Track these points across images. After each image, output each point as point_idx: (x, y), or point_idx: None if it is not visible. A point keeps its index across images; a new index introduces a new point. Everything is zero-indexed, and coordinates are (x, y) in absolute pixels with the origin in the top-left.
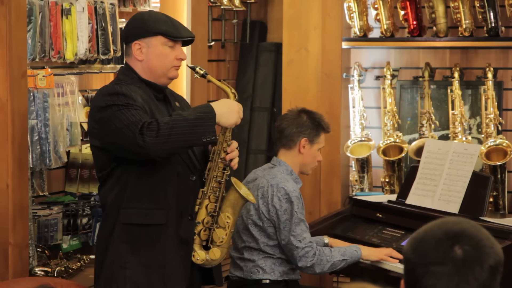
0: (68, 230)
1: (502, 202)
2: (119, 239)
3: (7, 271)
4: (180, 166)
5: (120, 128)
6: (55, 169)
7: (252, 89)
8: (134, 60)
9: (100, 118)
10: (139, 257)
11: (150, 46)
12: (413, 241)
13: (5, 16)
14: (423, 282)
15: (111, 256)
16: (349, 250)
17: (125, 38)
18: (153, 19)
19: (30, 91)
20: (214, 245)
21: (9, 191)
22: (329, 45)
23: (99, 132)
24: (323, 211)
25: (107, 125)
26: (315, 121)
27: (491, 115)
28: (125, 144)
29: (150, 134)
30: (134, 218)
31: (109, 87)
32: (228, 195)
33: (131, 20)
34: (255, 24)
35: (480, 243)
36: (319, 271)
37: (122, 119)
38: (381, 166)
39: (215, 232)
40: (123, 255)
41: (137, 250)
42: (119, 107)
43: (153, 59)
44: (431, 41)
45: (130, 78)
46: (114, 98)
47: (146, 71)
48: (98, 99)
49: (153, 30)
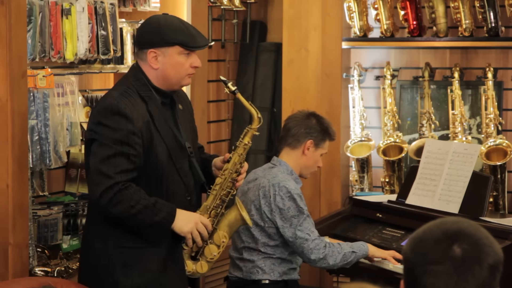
0: (68, 230)
1: (502, 202)
2: (112, 259)
3: (7, 271)
4: (176, 186)
5: (96, 164)
6: (55, 169)
7: (252, 89)
8: (148, 67)
9: (95, 131)
10: (132, 279)
11: (166, 55)
12: (412, 241)
13: (5, 16)
14: (422, 281)
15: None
16: (356, 244)
17: (139, 43)
18: (170, 27)
19: (30, 91)
20: (204, 259)
21: (9, 191)
22: (329, 45)
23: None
24: (323, 211)
25: (94, 144)
26: (324, 126)
27: (491, 115)
28: (89, 178)
29: (112, 199)
30: (127, 241)
31: (113, 103)
32: (228, 214)
33: (146, 25)
34: (255, 24)
35: (479, 242)
36: (333, 263)
37: (105, 162)
38: (381, 166)
39: (208, 247)
40: (116, 276)
41: (130, 272)
42: (111, 141)
43: (169, 68)
44: (431, 41)
45: (142, 84)
46: (114, 121)
47: (160, 79)
48: (100, 111)
49: (170, 40)
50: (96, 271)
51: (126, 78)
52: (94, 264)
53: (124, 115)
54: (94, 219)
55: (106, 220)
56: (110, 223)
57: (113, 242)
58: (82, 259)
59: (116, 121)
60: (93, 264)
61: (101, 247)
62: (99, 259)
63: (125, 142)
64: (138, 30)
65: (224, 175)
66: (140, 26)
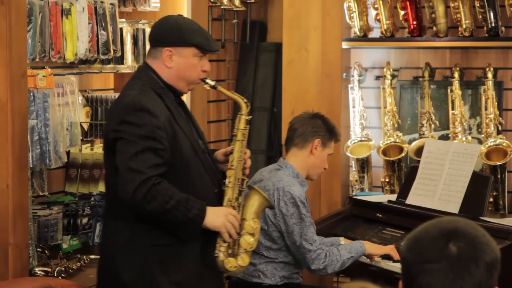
0: (68, 230)
1: (502, 202)
2: (147, 259)
3: (7, 271)
4: (208, 179)
5: (125, 162)
6: (55, 169)
7: (252, 89)
8: (161, 65)
9: (119, 129)
10: (169, 277)
11: (182, 56)
12: (408, 240)
13: (5, 16)
14: (418, 280)
15: (136, 274)
16: (354, 246)
17: (155, 41)
18: (190, 28)
19: (30, 91)
20: (242, 252)
21: (9, 191)
22: (329, 45)
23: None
24: (323, 211)
25: (120, 143)
26: (330, 126)
27: (491, 115)
28: (119, 177)
29: (146, 195)
30: (161, 239)
31: (135, 99)
32: (249, 201)
33: (164, 24)
34: (255, 24)
35: (475, 240)
36: (331, 272)
37: (134, 159)
38: (381, 166)
39: (243, 238)
40: (154, 274)
41: (167, 270)
42: (137, 137)
43: (183, 68)
44: (431, 41)
45: (154, 82)
46: (138, 117)
47: (173, 78)
48: (122, 110)
49: (189, 41)
50: (130, 273)
51: (137, 78)
52: (127, 266)
53: (147, 111)
54: (123, 222)
55: (137, 219)
56: (140, 223)
57: (146, 241)
58: (108, 263)
59: (140, 117)
60: (125, 266)
61: (133, 248)
62: (132, 260)
63: (151, 137)
64: (155, 28)
65: (233, 165)
66: (157, 24)
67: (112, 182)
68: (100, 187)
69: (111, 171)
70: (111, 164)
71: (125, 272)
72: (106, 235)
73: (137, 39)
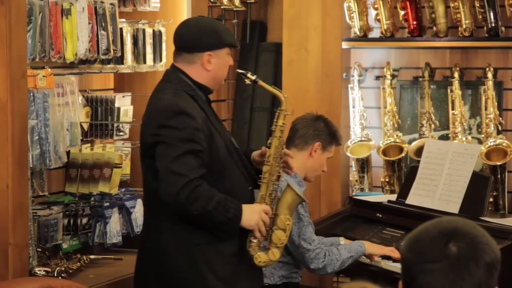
0: (68, 230)
1: (502, 202)
2: (193, 259)
3: (7, 271)
4: (242, 178)
5: (167, 165)
6: (55, 169)
7: (252, 89)
8: (199, 69)
9: (159, 134)
10: (216, 273)
11: (220, 57)
12: (408, 240)
13: (5, 16)
14: (418, 280)
15: (185, 275)
16: (354, 246)
17: (191, 47)
18: (223, 29)
19: (30, 91)
20: (273, 247)
21: (9, 191)
22: (329, 45)
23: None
24: (323, 211)
25: (160, 147)
26: (332, 130)
27: (491, 115)
28: (161, 180)
29: (189, 197)
30: (204, 238)
31: (172, 103)
32: (283, 197)
33: (196, 28)
34: (255, 24)
35: (475, 240)
36: (331, 271)
37: (176, 162)
38: (381, 166)
39: (275, 234)
40: (205, 275)
41: (212, 267)
42: (177, 141)
43: (219, 69)
44: (431, 41)
45: (186, 85)
46: (177, 120)
47: (210, 80)
48: (160, 114)
49: (226, 41)
50: (180, 274)
51: (166, 81)
52: (175, 268)
53: (186, 113)
54: (166, 224)
55: (179, 221)
56: (183, 224)
57: (190, 242)
58: (154, 266)
59: (179, 120)
60: (173, 268)
61: (179, 250)
62: (180, 261)
63: (191, 139)
64: (187, 34)
65: (270, 161)
66: (188, 30)
67: (153, 186)
68: (100, 187)
69: (151, 176)
70: (150, 169)
71: (175, 276)
72: (150, 238)
73: (137, 39)
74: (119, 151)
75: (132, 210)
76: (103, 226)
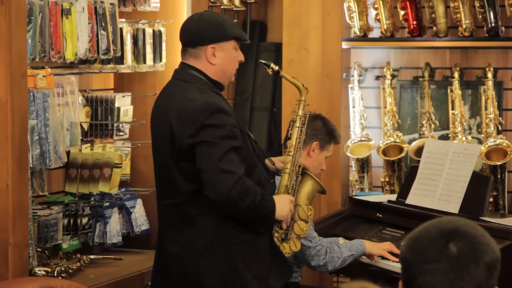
0: (68, 230)
1: (502, 202)
2: (231, 258)
3: (7, 271)
4: (262, 172)
5: (215, 164)
6: (55, 169)
7: (252, 89)
8: (206, 63)
9: (200, 134)
10: (251, 272)
11: (224, 50)
12: (408, 240)
13: (5, 16)
14: (418, 280)
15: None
16: (354, 244)
17: (195, 41)
18: (227, 21)
19: (30, 91)
20: (294, 237)
21: (9, 191)
22: (329, 45)
23: (194, 146)
24: (323, 211)
25: (202, 146)
26: (330, 129)
27: (491, 115)
28: (208, 180)
29: (240, 193)
30: (240, 235)
31: (207, 102)
32: (303, 187)
33: (201, 22)
34: (255, 24)
35: (475, 240)
36: (331, 268)
37: (222, 160)
38: (381, 166)
39: (297, 224)
40: (242, 274)
41: (249, 265)
42: (220, 139)
43: (226, 63)
44: (431, 41)
45: (204, 83)
46: (216, 119)
47: (218, 74)
48: (198, 114)
49: (231, 34)
50: (216, 277)
51: (186, 82)
52: (211, 270)
53: (223, 111)
54: (199, 227)
55: (214, 223)
56: (218, 225)
57: (227, 241)
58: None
59: (218, 118)
60: (209, 271)
61: (215, 251)
62: (216, 263)
63: (231, 136)
64: (191, 28)
65: (291, 151)
66: (192, 24)
67: (186, 190)
68: (100, 187)
69: (184, 178)
70: (183, 172)
71: (210, 277)
72: (179, 243)
73: (137, 39)
74: (119, 151)
75: (132, 210)
76: (103, 226)
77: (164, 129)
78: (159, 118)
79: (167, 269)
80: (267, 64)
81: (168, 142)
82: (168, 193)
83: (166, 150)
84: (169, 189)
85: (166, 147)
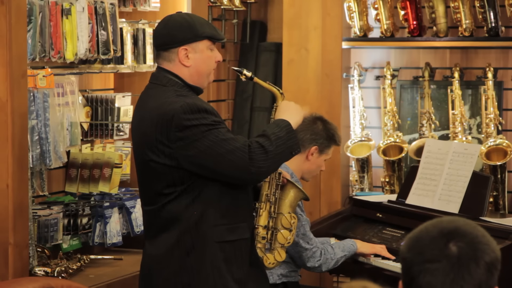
0: (68, 230)
1: (502, 202)
2: (214, 258)
3: (7, 271)
4: None
5: (224, 153)
6: (55, 169)
7: (252, 89)
8: (179, 66)
9: (182, 137)
10: (232, 275)
11: (197, 51)
12: (409, 240)
13: (5, 16)
14: (418, 280)
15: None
16: (346, 244)
17: (166, 43)
18: (198, 22)
19: (30, 91)
20: (278, 247)
21: (9, 191)
22: (329, 45)
23: (175, 152)
24: (323, 211)
25: (194, 146)
26: (330, 132)
27: (491, 115)
28: (230, 170)
29: (259, 158)
30: (225, 235)
31: (188, 103)
32: (285, 195)
33: (171, 24)
34: (255, 24)
35: (475, 240)
36: (325, 270)
37: (223, 144)
38: (381, 166)
39: (280, 234)
40: (224, 274)
41: (230, 268)
42: (208, 127)
43: (201, 63)
44: (431, 41)
45: (181, 86)
46: (198, 116)
47: (194, 76)
48: (179, 117)
49: (202, 34)
50: (201, 274)
51: (163, 85)
52: (196, 267)
53: (204, 110)
54: (181, 230)
55: (196, 223)
56: (202, 224)
57: (211, 239)
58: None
59: (201, 117)
60: (193, 267)
61: (201, 248)
62: (201, 260)
63: (218, 121)
64: (161, 30)
65: None
66: (162, 27)
67: (167, 192)
68: (100, 187)
69: (165, 183)
70: (162, 177)
71: (191, 275)
72: (159, 247)
73: (137, 39)
74: (119, 151)
75: (132, 210)
76: (103, 226)
77: (144, 135)
78: (137, 125)
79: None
80: (240, 71)
81: (148, 148)
82: (149, 199)
83: (145, 157)
84: (149, 195)
85: (145, 153)
